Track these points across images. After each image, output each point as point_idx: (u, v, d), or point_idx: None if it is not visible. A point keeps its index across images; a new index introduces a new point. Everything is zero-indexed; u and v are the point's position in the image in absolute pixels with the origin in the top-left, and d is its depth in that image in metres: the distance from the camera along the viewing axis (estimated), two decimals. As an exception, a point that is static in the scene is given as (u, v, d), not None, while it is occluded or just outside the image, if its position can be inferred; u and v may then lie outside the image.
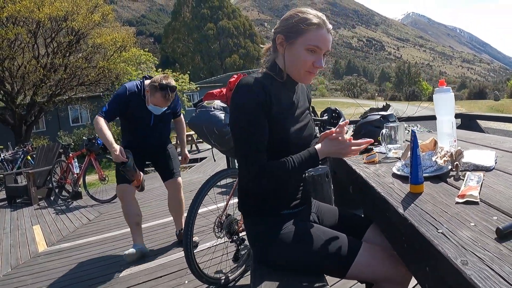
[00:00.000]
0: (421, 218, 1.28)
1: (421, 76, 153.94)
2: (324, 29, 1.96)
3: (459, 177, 1.68)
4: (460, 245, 1.06)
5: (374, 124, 2.77)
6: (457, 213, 1.28)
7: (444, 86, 2.12)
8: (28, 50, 20.56)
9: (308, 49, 1.95)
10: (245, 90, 1.93)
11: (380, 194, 1.61)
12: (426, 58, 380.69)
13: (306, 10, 2.01)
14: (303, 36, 1.94)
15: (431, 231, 1.17)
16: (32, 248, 5.81)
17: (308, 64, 1.97)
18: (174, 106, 4.77)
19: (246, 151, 1.90)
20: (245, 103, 1.91)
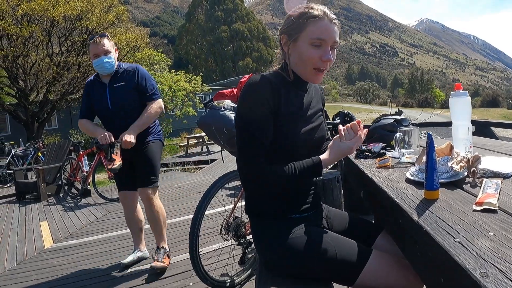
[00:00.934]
0: (437, 226, 1.21)
1: (434, 83, 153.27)
2: (326, 19, 1.89)
3: (475, 183, 1.61)
4: (479, 256, 0.99)
5: (387, 128, 2.72)
6: (474, 221, 1.22)
7: (461, 90, 2.05)
8: (42, 48, 20.68)
9: (312, 44, 1.88)
10: (253, 88, 1.90)
11: (393, 199, 1.54)
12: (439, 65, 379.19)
13: (307, 5, 1.95)
14: (305, 30, 1.89)
15: (448, 240, 1.11)
16: (38, 244, 5.83)
17: (314, 60, 1.89)
18: (137, 80, 4.10)
19: (246, 151, 1.88)
20: (252, 101, 1.89)
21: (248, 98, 1.90)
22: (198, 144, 19.08)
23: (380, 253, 1.87)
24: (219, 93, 3.45)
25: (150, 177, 4.21)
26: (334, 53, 1.94)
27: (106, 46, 4.00)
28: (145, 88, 4.13)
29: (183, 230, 5.67)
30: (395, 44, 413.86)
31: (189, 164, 14.91)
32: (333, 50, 1.93)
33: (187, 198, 8.03)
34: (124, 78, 4.11)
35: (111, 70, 4.07)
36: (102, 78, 4.15)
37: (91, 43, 4.02)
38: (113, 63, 4.05)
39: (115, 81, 4.11)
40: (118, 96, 4.09)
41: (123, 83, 4.09)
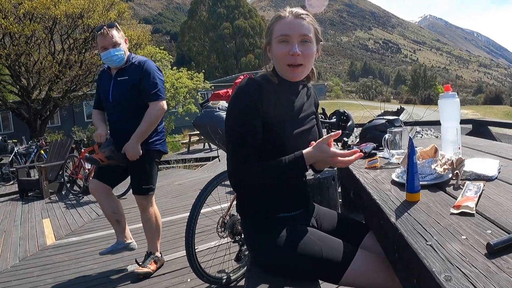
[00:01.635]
0: (412, 228, 1.25)
1: (437, 80, 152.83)
2: (287, 17, 1.97)
3: (459, 186, 1.65)
4: (447, 259, 1.03)
5: (379, 129, 2.76)
6: (449, 224, 1.25)
7: (450, 92, 2.08)
8: (44, 46, 20.76)
9: (279, 41, 1.96)
10: (242, 91, 1.95)
11: (375, 201, 1.58)
12: (442, 62, 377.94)
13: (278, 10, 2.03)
14: (273, 32, 2.00)
15: (420, 242, 1.15)
16: (40, 241, 5.90)
17: (283, 56, 1.95)
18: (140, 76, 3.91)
19: (234, 152, 1.92)
20: (241, 105, 1.94)
21: (238, 101, 1.96)
22: (200, 141, 19.13)
23: (366, 253, 1.90)
24: (215, 93, 3.49)
25: (141, 186, 4.09)
26: (307, 47, 1.96)
27: (115, 38, 3.85)
28: (147, 87, 3.91)
29: (182, 227, 5.58)
30: (398, 41, 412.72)
31: (191, 161, 14.95)
32: (305, 43, 1.96)
33: (187, 195, 8.07)
34: (129, 72, 3.96)
35: (120, 63, 3.93)
36: (111, 70, 4.04)
37: (99, 35, 3.86)
38: (122, 55, 3.91)
39: (121, 74, 3.97)
40: (118, 90, 3.97)
41: (126, 77, 3.95)
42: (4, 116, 29.75)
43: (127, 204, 7.50)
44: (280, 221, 2.03)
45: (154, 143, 4.09)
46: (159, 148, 4.14)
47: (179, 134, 29.63)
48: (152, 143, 4.05)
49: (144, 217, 4.23)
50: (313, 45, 2.00)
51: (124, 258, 4.70)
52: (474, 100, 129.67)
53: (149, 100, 3.92)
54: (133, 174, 4.14)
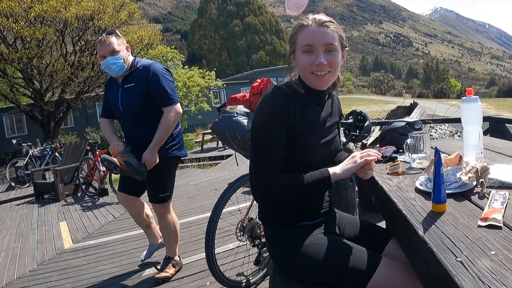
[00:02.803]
0: (441, 242, 1.24)
1: (449, 73, 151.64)
2: (311, 26, 1.93)
3: (484, 195, 1.63)
4: (478, 277, 1.02)
5: (399, 131, 2.74)
6: (478, 238, 1.24)
7: (472, 96, 2.06)
8: (56, 48, 20.82)
9: (304, 51, 1.94)
10: (270, 101, 1.95)
11: (401, 212, 1.56)
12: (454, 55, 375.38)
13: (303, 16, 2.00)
14: (296, 42, 1.97)
15: (450, 258, 1.14)
16: (58, 245, 5.93)
17: (308, 65, 1.93)
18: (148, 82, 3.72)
19: (259, 161, 1.92)
20: (268, 114, 1.93)
21: (264, 109, 1.95)
22: (213, 140, 19.17)
23: (390, 261, 1.89)
24: (232, 97, 3.47)
25: (158, 195, 4.00)
26: (333, 55, 1.94)
27: (113, 45, 3.66)
28: (156, 93, 3.72)
29: (199, 229, 5.71)
30: (409, 34, 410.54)
31: (205, 160, 14.97)
32: (330, 52, 1.94)
33: (203, 196, 8.09)
34: (135, 78, 3.77)
35: (119, 72, 3.74)
36: (117, 77, 3.86)
37: (97, 43, 3.71)
38: (121, 64, 3.70)
39: (127, 81, 3.80)
40: (127, 98, 3.81)
41: (133, 84, 3.77)
42: (18, 118, 29.88)
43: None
44: (303, 229, 2.03)
45: (171, 149, 3.95)
46: (176, 154, 4.00)
47: (192, 132, 29.68)
48: (168, 149, 3.91)
49: (162, 224, 4.16)
50: (339, 53, 1.97)
51: (145, 261, 4.68)
52: (487, 93, 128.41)
53: (162, 106, 3.76)
54: (150, 183, 4.02)
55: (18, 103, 21.12)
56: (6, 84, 20.07)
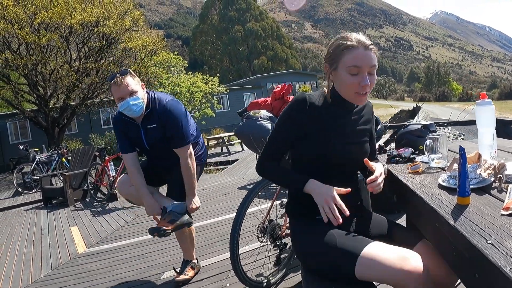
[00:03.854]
0: (471, 229, 1.38)
1: (450, 76, 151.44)
2: (360, 48, 2.06)
3: (501, 189, 1.77)
4: (508, 255, 1.17)
5: (415, 134, 2.87)
6: (503, 224, 1.39)
7: (486, 99, 2.21)
8: (61, 55, 20.82)
9: (349, 72, 2.08)
10: (292, 105, 2.24)
11: (430, 205, 1.70)
12: (455, 58, 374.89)
13: (344, 35, 2.16)
14: (342, 60, 2.10)
15: (482, 242, 1.28)
16: (71, 249, 5.95)
17: (353, 86, 2.09)
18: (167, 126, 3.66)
19: (264, 148, 2.37)
20: (283, 120, 2.28)
21: (286, 111, 2.25)
22: (218, 145, 19.24)
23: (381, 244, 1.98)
24: (253, 102, 3.59)
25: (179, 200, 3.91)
26: (373, 77, 2.12)
27: (131, 86, 3.51)
28: (171, 134, 3.67)
29: (214, 232, 5.79)
30: (410, 38, 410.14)
31: (211, 165, 15.06)
32: (372, 73, 2.11)
33: (214, 200, 8.17)
34: (156, 119, 3.65)
35: (140, 112, 3.58)
36: (134, 118, 3.71)
37: (112, 85, 3.51)
38: (141, 104, 3.56)
39: (148, 122, 3.68)
40: (153, 137, 3.72)
41: (155, 125, 3.66)
42: (22, 124, 29.93)
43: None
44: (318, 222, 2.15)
45: (199, 158, 3.98)
46: (203, 161, 4.10)
47: (196, 138, 29.72)
48: (197, 158, 3.90)
49: (178, 232, 4.12)
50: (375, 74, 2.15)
51: (161, 265, 4.74)
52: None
53: (175, 147, 3.71)
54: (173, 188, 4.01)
55: (22, 109, 21.18)
56: (10, 90, 20.15)
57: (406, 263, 1.80)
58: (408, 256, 1.85)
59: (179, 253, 4.61)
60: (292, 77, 54.64)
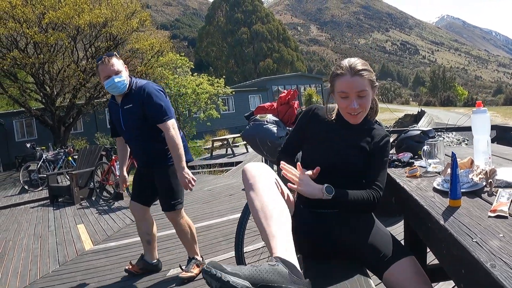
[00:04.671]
0: (459, 229, 1.50)
1: (456, 80, 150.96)
2: (346, 75, 2.25)
3: (492, 193, 1.88)
4: (490, 252, 1.28)
5: (415, 139, 3.00)
6: (489, 225, 1.51)
7: (481, 107, 2.32)
8: (68, 54, 20.92)
9: (340, 96, 2.32)
10: (304, 111, 2.60)
11: (423, 207, 1.83)
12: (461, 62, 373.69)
13: (339, 62, 2.35)
14: (334, 86, 2.35)
15: (467, 240, 1.40)
16: (78, 246, 6.04)
17: (344, 108, 2.33)
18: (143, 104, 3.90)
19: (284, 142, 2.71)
20: (298, 119, 2.65)
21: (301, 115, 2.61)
22: (222, 147, 19.31)
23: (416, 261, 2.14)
24: (260, 107, 3.71)
25: (170, 202, 4.18)
26: (363, 99, 2.29)
27: (116, 66, 3.83)
28: (152, 111, 3.89)
29: (217, 232, 5.87)
30: (416, 42, 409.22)
31: (216, 166, 15.13)
32: (362, 97, 2.28)
33: (219, 201, 8.22)
34: (132, 99, 3.95)
35: (123, 90, 3.91)
36: (116, 98, 4.08)
37: (100, 64, 3.85)
38: (125, 81, 3.88)
39: (126, 102, 3.98)
40: (127, 118, 4.02)
41: (131, 105, 3.95)
42: (28, 123, 30.08)
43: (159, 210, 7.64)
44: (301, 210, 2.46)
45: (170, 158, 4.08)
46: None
47: (201, 139, 29.83)
48: (171, 158, 4.02)
49: (177, 229, 4.36)
50: (369, 95, 2.31)
51: (166, 262, 4.81)
52: (494, 101, 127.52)
53: (158, 123, 3.91)
54: (160, 192, 4.26)
55: (29, 108, 21.27)
56: (17, 89, 20.31)
57: None
58: None
59: (184, 251, 4.73)
60: (298, 79, 54.62)
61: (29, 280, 4.83)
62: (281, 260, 1.72)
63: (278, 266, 1.67)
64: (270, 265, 1.66)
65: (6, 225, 8.23)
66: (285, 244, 1.85)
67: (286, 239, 1.89)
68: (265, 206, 1.98)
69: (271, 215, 1.95)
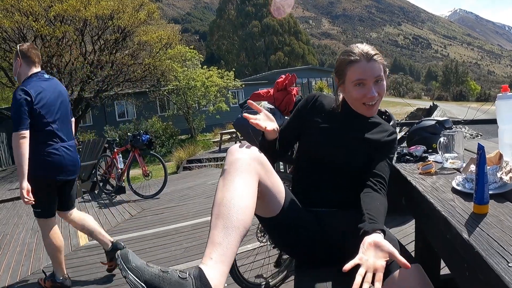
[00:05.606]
0: (488, 246, 1.15)
1: (469, 75, 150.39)
2: (362, 61, 2.05)
3: (527, 196, 1.52)
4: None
5: (429, 131, 2.64)
6: (528, 241, 1.14)
7: (508, 92, 1.97)
8: (76, 47, 21.02)
9: (355, 85, 2.08)
10: (304, 98, 2.37)
11: (440, 213, 1.47)
12: (473, 57, 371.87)
13: (348, 48, 2.14)
14: (346, 76, 2.11)
15: (501, 264, 1.05)
16: (73, 242, 5.91)
17: (360, 98, 2.10)
18: None
19: None
20: (296, 106, 2.40)
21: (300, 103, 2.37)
22: (231, 140, 19.13)
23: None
24: (255, 93, 3.44)
25: (32, 208, 4.00)
26: (381, 86, 2.10)
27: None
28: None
29: (216, 229, 5.65)
30: (428, 36, 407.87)
31: (223, 160, 14.92)
32: (378, 84, 2.09)
33: (221, 196, 7.97)
34: None
35: None
36: None
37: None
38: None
39: None
40: None
41: None
42: (37, 116, 30.20)
43: (160, 205, 7.61)
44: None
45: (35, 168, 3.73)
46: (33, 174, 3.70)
47: (210, 132, 29.72)
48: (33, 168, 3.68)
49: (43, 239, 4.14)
50: (385, 81, 2.13)
51: (160, 261, 4.69)
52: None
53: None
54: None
55: (37, 101, 21.30)
56: (26, 82, 20.18)
57: None
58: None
59: (180, 249, 4.88)
60: (309, 73, 54.46)
61: (20, 276, 4.74)
62: (199, 275, 1.49)
63: (187, 282, 1.46)
64: (179, 278, 1.47)
65: (6, 218, 8.13)
66: (220, 257, 1.58)
67: (225, 251, 1.61)
68: (224, 203, 1.72)
69: (225, 216, 1.68)
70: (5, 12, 17.89)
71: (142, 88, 26.74)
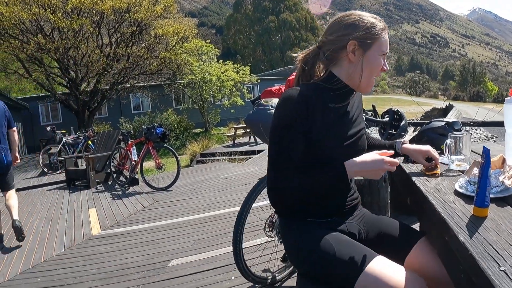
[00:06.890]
0: (483, 250, 1.17)
1: (486, 76, 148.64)
2: (386, 31, 1.95)
3: (528, 201, 1.53)
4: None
5: (437, 132, 2.64)
6: (521, 246, 1.16)
7: (517, 95, 1.96)
8: (92, 40, 21.22)
9: (381, 55, 1.93)
10: (287, 103, 1.87)
11: (440, 214, 1.48)
12: (492, 57, 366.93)
13: (363, 14, 1.96)
14: (378, 41, 1.91)
15: (493, 267, 1.07)
16: (86, 231, 6.04)
17: (378, 69, 1.96)
18: None
19: (273, 165, 1.88)
20: (284, 117, 1.87)
21: (281, 111, 1.90)
22: (245, 134, 19.11)
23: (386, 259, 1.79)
24: (267, 90, 3.45)
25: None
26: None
27: None
28: None
29: (227, 222, 5.69)
30: (446, 35, 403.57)
31: (236, 154, 14.91)
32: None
33: (233, 190, 8.07)
34: None
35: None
36: None
37: None
38: None
39: None
40: None
41: None
42: (53, 107, 30.39)
43: (172, 197, 7.73)
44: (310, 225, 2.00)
45: None
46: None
47: (225, 126, 29.70)
48: None
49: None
50: None
51: (169, 252, 4.76)
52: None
53: None
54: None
55: (54, 92, 21.57)
56: (42, 73, 20.47)
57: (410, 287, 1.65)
58: (413, 279, 1.69)
59: (190, 241, 4.97)
60: (324, 68, 54.20)
61: (33, 263, 4.83)
62: None
63: None
64: None
65: (20, 207, 8.13)
66: None
67: None
68: None
69: None
70: (23, 4, 18.08)
71: (157, 81, 26.89)
